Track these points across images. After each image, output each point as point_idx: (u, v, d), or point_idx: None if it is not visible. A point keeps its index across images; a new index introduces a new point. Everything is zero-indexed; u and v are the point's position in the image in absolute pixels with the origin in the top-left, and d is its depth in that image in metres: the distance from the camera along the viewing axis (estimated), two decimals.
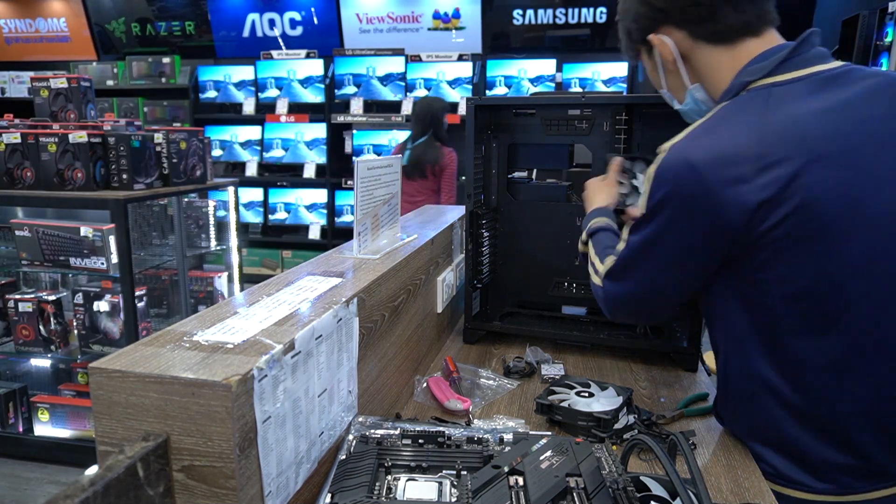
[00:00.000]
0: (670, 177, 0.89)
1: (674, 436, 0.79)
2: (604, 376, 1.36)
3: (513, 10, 4.78)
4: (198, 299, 3.44)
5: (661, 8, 0.98)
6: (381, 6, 4.92)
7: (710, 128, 0.89)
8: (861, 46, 2.59)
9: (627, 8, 1.04)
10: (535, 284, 1.55)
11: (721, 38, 0.95)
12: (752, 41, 0.94)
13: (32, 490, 2.70)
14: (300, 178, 4.94)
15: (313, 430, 0.79)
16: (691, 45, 0.98)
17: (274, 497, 0.69)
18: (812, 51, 0.91)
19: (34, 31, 5.73)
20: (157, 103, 5.28)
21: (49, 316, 2.77)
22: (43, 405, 2.90)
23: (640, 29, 1.03)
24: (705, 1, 0.94)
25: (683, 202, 0.88)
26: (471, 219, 1.49)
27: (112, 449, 0.63)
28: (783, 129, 0.85)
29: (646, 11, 1.00)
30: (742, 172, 0.83)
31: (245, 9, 5.21)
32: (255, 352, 0.67)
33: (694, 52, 0.98)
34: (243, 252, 3.73)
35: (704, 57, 0.97)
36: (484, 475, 0.77)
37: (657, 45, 1.01)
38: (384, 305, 1.07)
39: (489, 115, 1.52)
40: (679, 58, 1.00)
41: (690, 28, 0.97)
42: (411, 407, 1.21)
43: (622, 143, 1.41)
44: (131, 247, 2.55)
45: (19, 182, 2.60)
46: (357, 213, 1.13)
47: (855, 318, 0.87)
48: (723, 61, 0.96)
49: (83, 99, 2.85)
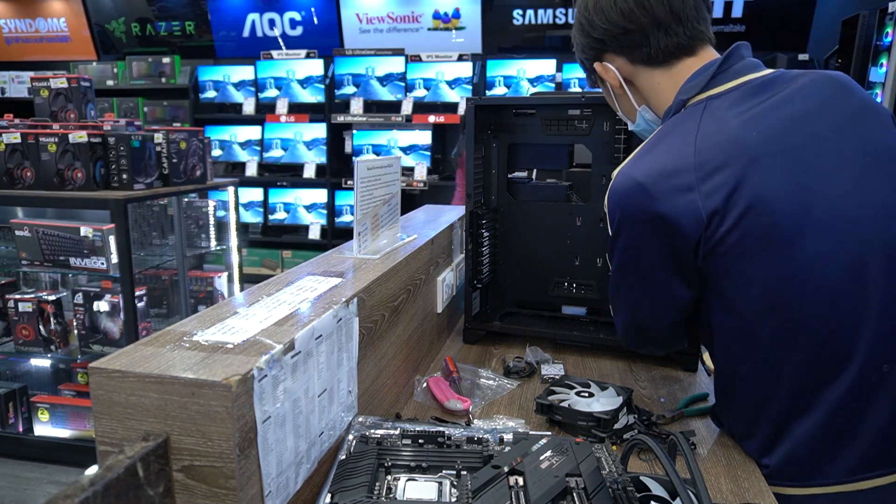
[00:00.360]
0: (620, 199, 0.94)
1: (674, 436, 0.79)
2: (604, 376, 1.36)
3: (513, 10, 4.78)
4: (198, 299, 3.44)
5: (599, 38, 1.05)
6: (381, 6, 4.92)
7: (650, 147, 0.94)
8: (861, 46, 2.59)
9: (575, 40, 1.12)
10: (535, 284, 1.55)
11: (656, 61, 1.01)
12: (689, 60, 1.00)
13: (32, 490, 2.70)
14: (300, 178, 4.94)
15: (313, 430, 0.79)
16: (632, 69, 1.05)
17: (274, 497, 0.69)
18: (742, 62, 0.96)
19: (34, 31, 5.73)
20: (157, 103, 5.28)
21: (49, 316, 2.77)
22: (43, 405, 2.90)
23: (588, 59, 1.11)
24: (635, 28, 1.00)
25: (637, 219, 0.93)
26: (471, 219, 1.49)
27: (112, 449, 0.63)
28: (719, 137, 0.89)
29: (588, 42, 1.08)
30: (686, 182, 0.87)
31: (245, 9, 5.21)
32: (255, 352, 0.67)
33: (636, 76, 1.05)
34: (243, 252, 3.74)
35: (646, 79, 1.04)
36: (484, 475, 0.77)
37: (601, 73, 1.09)
38: (384, 305, 1.07)
39: (489, 115, 1.52)
40: (623, 82, 1.07)
41: (627, 54, 1.04)
42: (411, 407, 1.21)
43: (622, 143, 1.41)
44: (131, 247, 2.55)
45: (19, 182, 2.60)
46: (357, 213, 1.13)
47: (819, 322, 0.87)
48: (662, 82, 1.02)
49: (83, 99, 2.85)
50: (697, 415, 1.18)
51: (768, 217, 0.85)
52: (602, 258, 1.48)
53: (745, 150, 0.87)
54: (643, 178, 0.90)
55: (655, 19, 0.98)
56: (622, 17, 1.00)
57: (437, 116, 4.55)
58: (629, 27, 1.00)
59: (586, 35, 1.07)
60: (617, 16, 1.01)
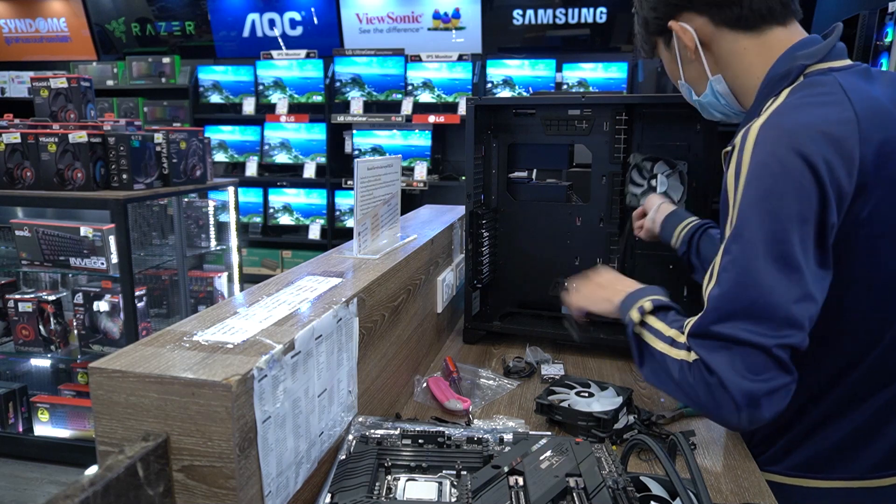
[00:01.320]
0: (768, 147, 0.79)
1: (674, 436, 0.79)
2: (604, 376, 1.36)
3: (513, 10, 4.77)
4: (198, 299, 3.44)
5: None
6: (381, 6, 4.92)
7: (796, 106, 0.83)
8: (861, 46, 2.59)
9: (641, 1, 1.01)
10: (535, 284, 1.55)
11: (745, 23, 0.91)
12: (779, 30, 0.91)
13: (32, 490, 2.70)
14: (300, 179, 4.94)
15: (313, 430, 0.79)
16: (713, 31, 0.94)
17: (274, 497, 0.69)
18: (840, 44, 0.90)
19: (34, 31, 5.72)
20: (157, 103, 5.27)
21: (49, 316, 2.77)
22: (43, 405, 2.90)
23: (659, 17, 0.98)
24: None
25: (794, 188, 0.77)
26: (471, 219, 1.49)
27: (112, 449, 0.63)
28: (870, 104, 0.81)
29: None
30: (850, 149, 0.78)
31: (245, 9, 5.21)
32: (255, 352, 0.67)
33: (716, 40, 0.94)
34: (243, 252, 3.73)
35: (728, 44, 0.93)
36: (484, 475, 0.77)
37: (677, 32, 0.96)
38: (384, 305, 1.07)
39: (489, 115, 1.52)
40: (699, 46, 0.96)
41: (713, 13, 0.93)
42: (411, 407, 1.21)
43: (622, 143, 1.41)
44: (131, 247, 2.55)
45: (19, 182, 2.60)
46: (357, 213, 1.13)
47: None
48: (748, 48, 0.92)
49: (83, 99, 2.85)
50: (697, 415, 1.18)
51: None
52: (602, 258, 1.48)
53: (892, 120, 0.81)
54: (806, 135, 0.77)
55: None
56: None
57: (437, 116, 4.55)
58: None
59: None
60: None
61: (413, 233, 1.42)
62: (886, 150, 0.79)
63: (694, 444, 1.07)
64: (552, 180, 1.61)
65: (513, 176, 1.58)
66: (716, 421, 0.82)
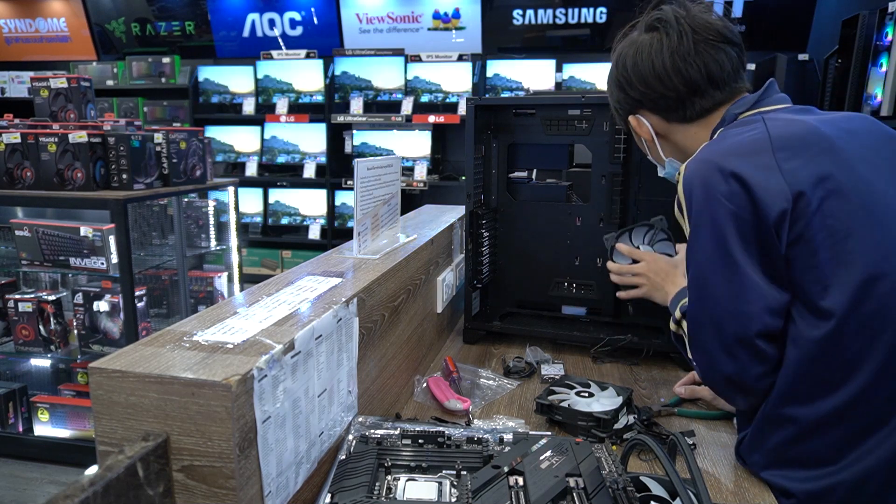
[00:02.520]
0: (698, 180, 0.90)
1: (674, 436, 0.79)
2: (604, 376, 1.36)
3: (513, 10, 4.77)
4: (198, 299, 3.44)
5: (635, 98, 1.07)
6: (381, 6, 4.92)
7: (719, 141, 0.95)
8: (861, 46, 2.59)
9: (610, 91, 1.14)
10: (535, 284, 1.55)
11: (693, 119, 1.04)
12: (725, 107, 1.01)
13: (32, 490, 2.70)
14: (300, 178, 4.94)
15: (313, 430, 0.79)
16: (666, 126, 1.07)
17: (274, 497, 0.69)
18: (777, 94, 1.00)
19: (34, 31, 5.72)
20: (157, 103, 5.27)
21: (49, 316, 2.77)
22: (43, 405, 2.90)
23: (622, 109, 1.13)
24: (672, 95, 1.02)
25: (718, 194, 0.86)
26: (471, 219, 1.49)
27: (112, 449, 0.63)
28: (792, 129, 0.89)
29: (623, 97, 1.10)
30: (766, 161, 0.86)
31: (245, 9, 5.21)
32: (254, 352, 0.67)
33: (670, 132, 1.07)
34: (243, 252, 3.73)
35: (680, 133, 1.06)
36: (484, 475, 0.77)
37: (634, 126, 1.11)
38: (384, 305, 1.07)
39: (489, 116, 1.52)
40: (655, 136, 1.09)
41: (663, 114, 1.06)
42: (411, 407, 1.21)
43: (622, 143, 1.41)
44: (131, 247, 2.55)
45: (19, 182, 2.60)
46: (357, 213, 1.13)
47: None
48: (698, 133, 1.04)
49: (83, 99, 2.85)
50: (694, 417, 1.18)
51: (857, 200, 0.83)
52: (602, 258, 1.48)
53: (822, 137, 0.87)
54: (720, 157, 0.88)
55: (693, 85, 1.00)
56: (659, 82, 1.02)
57: (437, 116, 4.55)
58: (666, 93, 1.02)
59: (622, 89, 1.09)
60: (654, 80, 1.02)
61: (413, 233, 1.42)
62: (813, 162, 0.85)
63: (694, 444, 1.07)
64: (552, 180, 1.61)
65: (513, 176, 1.58)
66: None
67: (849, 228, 0.83)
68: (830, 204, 0.83)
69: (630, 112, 1.11)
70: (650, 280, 1.23)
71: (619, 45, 1.09)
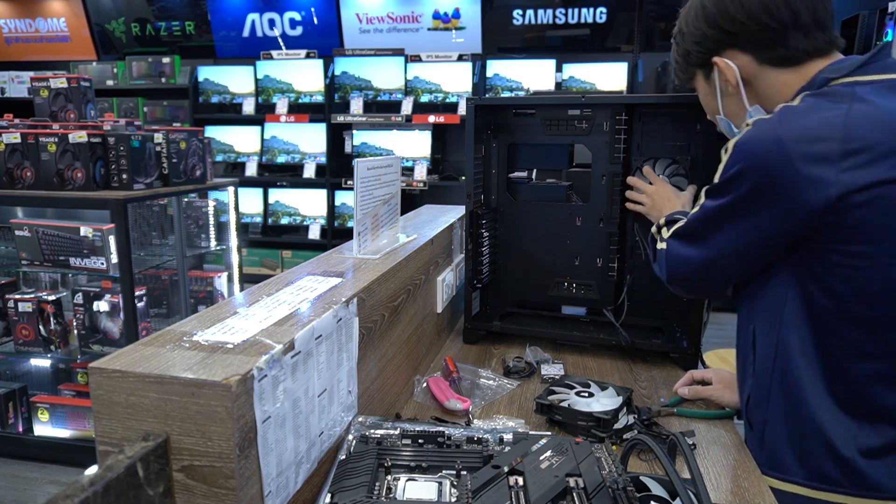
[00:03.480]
0: (754, 149, 0.88)
1: (674, 436, 0.79)
2: (604, 376, 1.36)
3: (513, 10, 4.78)
4: (198, 299, 3.44)
5: (730, 31, 0.98)
6: (381, 6, 4.92)
7: (798, 112, 0.89)
8: (861, 46, 2.59)
9: (690, 30, 1.03)
10: (535, 284, 1.55)
11: (789, 62, 0.96)
12: (820, 61, 0.95)
13: (32, 490, 2.70)
14: (300, 178, 4.94)
15: (313, 430, 0.79)
16: (756, 69, 0.98)
17: (274, 497, 0.69)
18: (888, 59, 0.92)
19: (34, 31, 5.73)
20: (157, 103, 5.28)
21: (49, 316, 2.76)
22: (43, 405, 2.90)
23: (703, 51, 1.02)
24: (777, 27, 0.94)
25: (764, 174, 0.87)
26: (471, 219, 1.49)
27: (112, 449, 0.63)
28: (871, 119, 0.85)
29: (713, 34, 1.00)
30: (827, 151, 0.83)
31: (245, 9, 5.21)
32: (254, 352, 0.67)
33: (759, 77, 0.99)
34: (243, 252, 3.73)
35: (770, 80, 0.98)
36: (484, 475, 0.77)
37: (721, 68, 1.00)
38: (384, 305, 1.07)
39: (489, 115, 1.52)
40: (741, 82, 1.00)
41: (758, 53, 0.97)
42: (411, 407, 1.21)
43: (622, 143, 1.41)
44: (131, 247, 2.55)
45: (19, 182, 2.60)
46: (357, 213, 1.13)
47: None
48: (789, 82, 0.96)
49: (83, 99, 2.85)
50: (692, 416, 1.18)
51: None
52: (602, 258, 1.48)
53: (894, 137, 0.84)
54: (785, 136, 0.85)
55: (799, 21, 0.93)
56: (766, 13, 0.94)
57: (437, 116, 4.55)
58: (771, 24, 0.94)
59: (713, 25, 0.99)
60: (760, 11, 0.94)
61: (413, 233, 1.42)
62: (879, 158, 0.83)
63: (694, 444, 1.07)
64: (552, 180, 1.61)
65: (513, 176, 1.57)
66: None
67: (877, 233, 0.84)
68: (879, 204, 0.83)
69: (715, 52, 1.01)
70: (654, 201, 1.31)
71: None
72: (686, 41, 1.05)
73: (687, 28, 1.04)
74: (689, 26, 1.03)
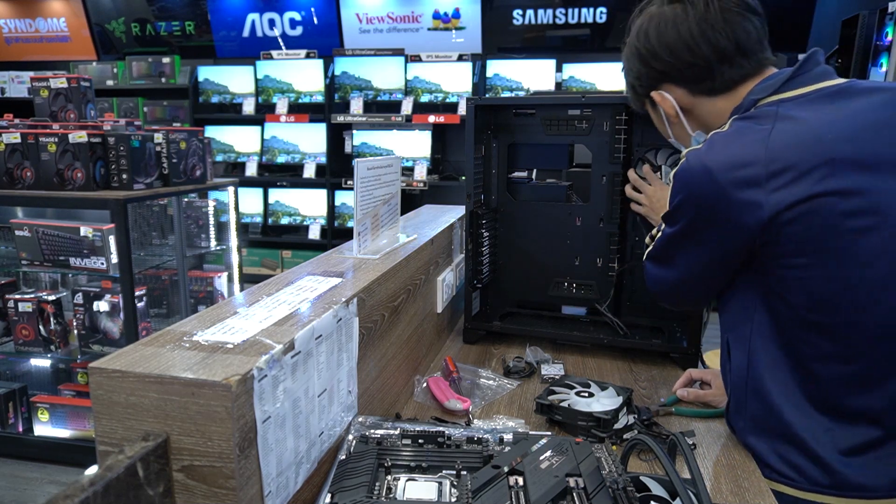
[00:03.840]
0: (688, 180, 0.94)
1: (674, 436, 0.79)
2: (604, 376, 1.36)
3: (513, 10, 4.78)
4: (198, 299, 3.44)
5: (660, 70, 1.04)
6: (381, 6, 4.92)
7: (725, 139, 0.93)
8: (861, 46, 2.59)
9: (629, 67, 1.10)
10: (535, 284, 1.55)
11: (719, 91, 1.01)
12: (751, 83, 0.99)
13: (32, 490, 2.70)
14: (300, 178, 4.94)
15: (313, 430, 0.79)
16: (692, 99, 1.04)
17: (274, 497, 0.69)
18: (816, 69, 0.95)
19: (34, 31, 5.73)
20: (157, 103, 5.28)
21: (49, 316, 2.77)
22: (43, 405, 2.90)
23: (643, 86, 1.09)
24: (701, 63, 0.99)
25: (700, 204, 0.93)
26: (471, 219, 1.49)
27: (112, 449, 0.63)
28: (792, 137, 0.88)
29: (647, 72, 1.06)
30: (753, 175, 0.87)
31: (245, 9, 5.21)
32: (255, 352, 0.67)
33: (695, 106, 1.04)
34: (243, 252, 3.73)
35: (706, 108, 1.03)
36: (484, 475, 0.77)
37: (659, 102, 1.07)
38: (384, 305, 1.07)
39: (489, 115, 1.52)
40: (680, 111, 1.06)
41: (689, 86, 1.03)
42: (411, 407, 1.21)
43: (622, 143, 1.41)
44: (131, 247, 2.55)
45: (19, 182, 2.60)
46: (357, 213, 1.13)
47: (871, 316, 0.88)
48: (723, 108, 1.01)
49: (83, 99, 2.85)
50: (691, 415, 1.18)
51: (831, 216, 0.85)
52: (602, 258, 1.48)
53: (819, 150, 0.86)
54: (713, 165, 0.90)
55: (721, 54, 0.97)
56: (688, 51, 0.99)
57: (437, 116, 4.55)
58: (695, 61, 0.99)
59: (645, 64, 1.05)
60: (682, 49, 0.99)
61: (413, 233, 1.42)
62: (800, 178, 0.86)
63: (694, 444, 1.07)
64: (552, 180, 1.61)
65: (513, 176, 1.57)
66: None
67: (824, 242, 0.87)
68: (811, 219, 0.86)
69: (652, 87, 1.07)
70: (651, 203, 1.32)
71: (636, 20, 1.07)
72: (629, 77, 1.12)
73: (627, 65, 1.11)
74: (628, 63, 1.11)
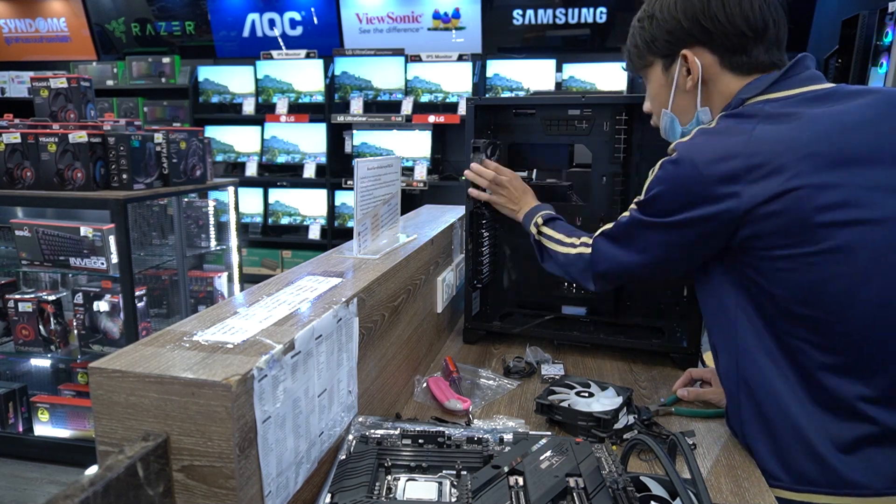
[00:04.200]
0: (674, 171, 0.96)
1: (674, 436, 0.79)
2: (604, 376, 1.36)
3: (513, 10, 4.77)
4: (198, 299, 3.44)
5: (707, 28, 0.99)
6: (381, 6, 4.92)
7: (711, 134, 0.95)
8: (861, 46, 2.59)
9: (665, 17, 1.02)
10: (535, 284, 1.55)
11: (743, 70, 1.00)
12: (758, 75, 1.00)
13: (32, 490, 2.70)
14: (300, 178, 4.94)
15: (313, 430, 0.79)
16: (717, 71, 1.01)
17: (274, 497, 0.69)
18: (804, 73, 0.97)
19: (34, 31, 5.72)
20: (157, 103, 5.27)
21: (49, 316, 2.77)
22: (43, 405, 2.90)
23: (671, 41, 1.03)
24: (749, 34, 0.98)
25: (680, 192, 0.95)
26: (471, 219, 1.49)
27: (112, 449, 0.63)
28: (772, 135, 0.90)
29: (689, 27, 1.00)
30: (734, 169, 0.90)
31: (245, 9, 5.21)
32: (255, 352, 0.67)
33: (716, 78, 1.02)
34: (243, 252, 3.73)
35: (722, 84, 1.02)
36: (484, 475, 0.77)
37: (689, 60, 1.02)
38: (384, 305, 1.07)
39: (489, 115, 1.52)
40: (700, 80, 1.03)
41: (724, 55, 1.00)
42: (411, 407, 1.21)
43: (622, 143, 1.41)
44: (131, 247, 2.55)
45: (19, 182, 2.60)
46: (357, 213, 1.13)
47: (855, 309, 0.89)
48: (732, 91, 1.01)
49: (83, 99, 2.85)
50: (691, 415, 1.18)
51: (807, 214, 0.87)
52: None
53: (798, 147, 0.88)
54: (698, 157, 0.92)
55: (766, 34, 0.98)
56: (744, 19, 0.97)
57: (437, 116, 4.55)
58: (746, 31, 0.98)
59: (691, 18, 0.99)
60: (738, 16, 0.97)
61: (413, 233, 1.42)
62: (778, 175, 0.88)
63: (694, 444, 1.07)
64: (552, 180, 1.61)
65: None
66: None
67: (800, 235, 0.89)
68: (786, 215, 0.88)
69: (683, 45, 1.02)
70: (510, 193, 1.38)
71: None
72: (656, 27, 1.04)
73: (661, 14, 1.03)
74: (664, 13, 1.02)
